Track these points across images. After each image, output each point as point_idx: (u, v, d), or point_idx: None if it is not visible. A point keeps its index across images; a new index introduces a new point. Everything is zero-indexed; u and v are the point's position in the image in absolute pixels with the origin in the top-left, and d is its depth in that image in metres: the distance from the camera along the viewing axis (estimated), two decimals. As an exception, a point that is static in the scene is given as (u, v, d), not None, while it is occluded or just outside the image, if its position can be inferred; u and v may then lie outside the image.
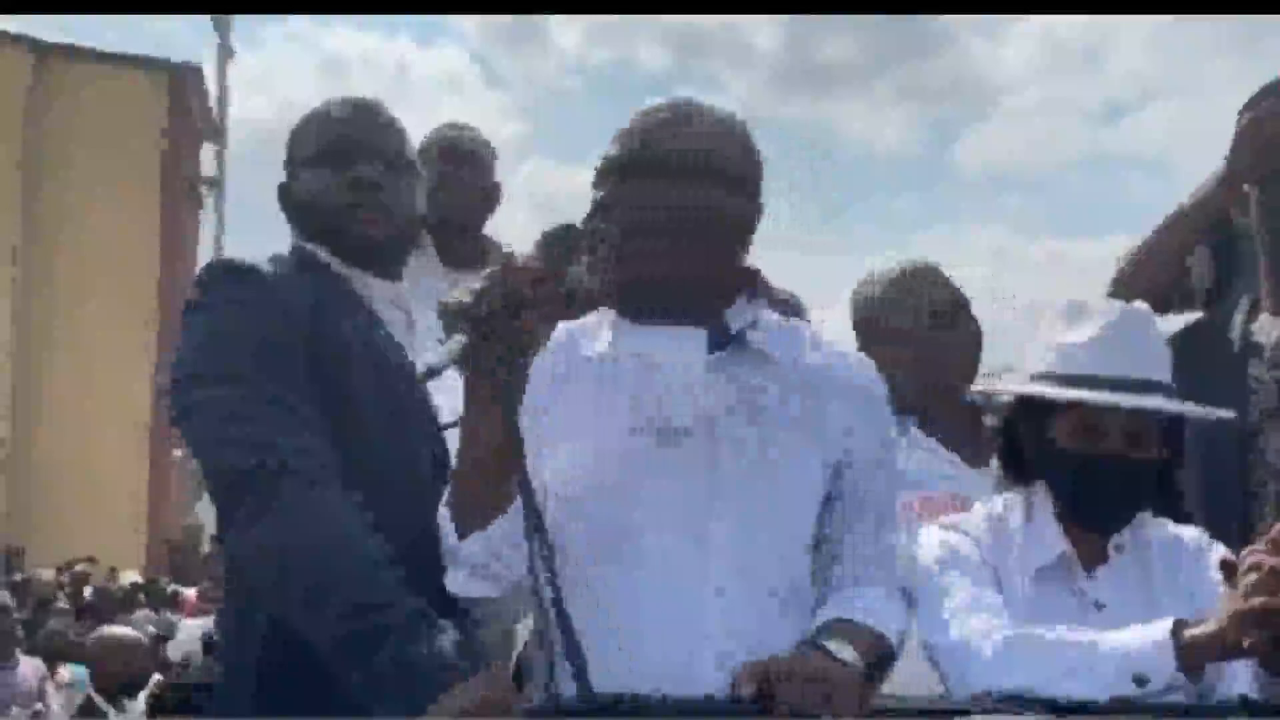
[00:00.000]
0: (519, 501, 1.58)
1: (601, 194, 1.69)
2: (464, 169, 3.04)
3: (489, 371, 1.53)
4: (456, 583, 1.68)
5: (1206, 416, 1.84)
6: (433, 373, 1.51)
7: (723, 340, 1.71)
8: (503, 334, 1.51)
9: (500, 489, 1.61)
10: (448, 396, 1.90)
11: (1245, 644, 1.52)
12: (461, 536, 1.66)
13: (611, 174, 1.69)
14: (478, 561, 1.66)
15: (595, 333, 1.75)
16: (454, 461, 1.70)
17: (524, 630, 1.93)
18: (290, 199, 1.97)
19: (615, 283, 1.67)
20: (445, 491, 1.69)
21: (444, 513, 1.68)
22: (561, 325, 1.68)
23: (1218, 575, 1.61)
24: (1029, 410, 1.86)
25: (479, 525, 1.64)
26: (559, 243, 1.55)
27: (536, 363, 1.60)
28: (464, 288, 1.53)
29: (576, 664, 1.51)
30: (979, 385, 2.09)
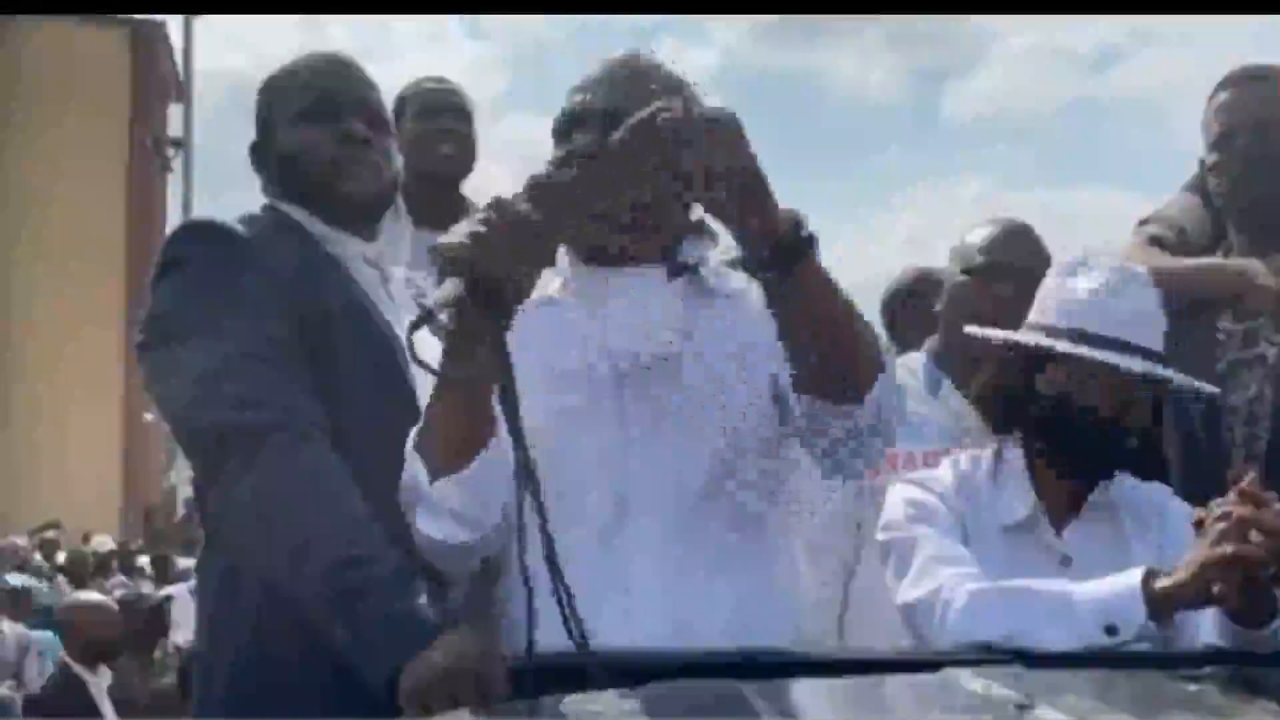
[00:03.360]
0: (491, 448, 1.54)
1: (577, 143, 1.65)
2: (443, 124, 3.01)
3: (487, 313, 1.45)
4: (433, 526, 1.59)
5: (1194, 389, 1.85)
6: (429, 316, 1.43)
7: (678, 272, 1.74)
8: (501, 276, 1.44)
9: (476, 433, 1.55)
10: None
11: (1214, 592, 1.54)
12: (431, 480, 1.57)
13: (590, 124, 1.67)
14: (454, 506, 1.58)
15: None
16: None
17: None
18: (268, 157, 1.93)
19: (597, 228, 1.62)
20: (411, 433, 1.61)
21: (412, 455, 1.59)
22: None
23: (1184, 531, 1.62)
24: (1020, 360, 1.85)
25: (451, 469, 1.57)
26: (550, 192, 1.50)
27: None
28: (455, 230, 1.46)
29: (571, 617, 1.40)
30: (982, 330, 2.00)
